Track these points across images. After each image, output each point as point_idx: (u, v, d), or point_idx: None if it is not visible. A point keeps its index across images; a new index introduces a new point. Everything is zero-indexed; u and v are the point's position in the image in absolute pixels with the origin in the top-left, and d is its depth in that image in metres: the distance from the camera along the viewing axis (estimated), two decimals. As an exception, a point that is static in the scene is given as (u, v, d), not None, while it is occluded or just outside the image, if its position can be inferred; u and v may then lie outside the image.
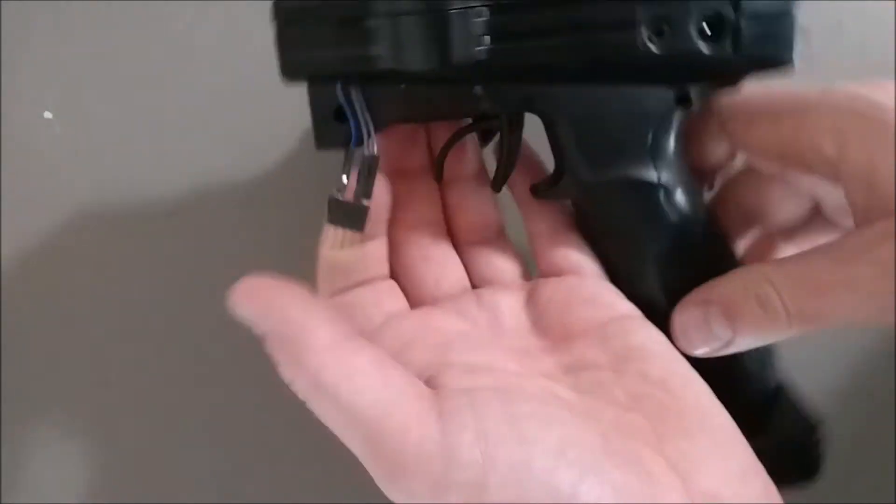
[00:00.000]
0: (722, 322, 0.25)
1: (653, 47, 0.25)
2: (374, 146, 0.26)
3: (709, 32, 0.25)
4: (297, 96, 0.28)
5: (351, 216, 0.27)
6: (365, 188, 0.27)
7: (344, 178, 0.26)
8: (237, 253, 0.39)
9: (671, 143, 0.27)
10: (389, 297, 0.29)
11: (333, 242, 0.27)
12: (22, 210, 0.38)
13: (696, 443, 0.22)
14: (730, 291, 0.25)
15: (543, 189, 0.29)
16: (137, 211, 0.38)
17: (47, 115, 0.38)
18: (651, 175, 0.27)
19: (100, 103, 0.38)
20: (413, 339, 0.26)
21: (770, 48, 0.26)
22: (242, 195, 0.38)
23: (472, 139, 0.30)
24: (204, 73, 0.38)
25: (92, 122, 0.38)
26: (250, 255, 0.39)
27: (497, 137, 0.30)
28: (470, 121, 0.29)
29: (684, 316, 0.26)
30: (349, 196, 0.27)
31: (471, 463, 0.19)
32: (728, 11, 0.25)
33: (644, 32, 0.25)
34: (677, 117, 0.27)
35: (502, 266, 0.30)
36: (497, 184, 0.30)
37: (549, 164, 0.30)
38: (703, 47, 0.25)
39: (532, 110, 0.28)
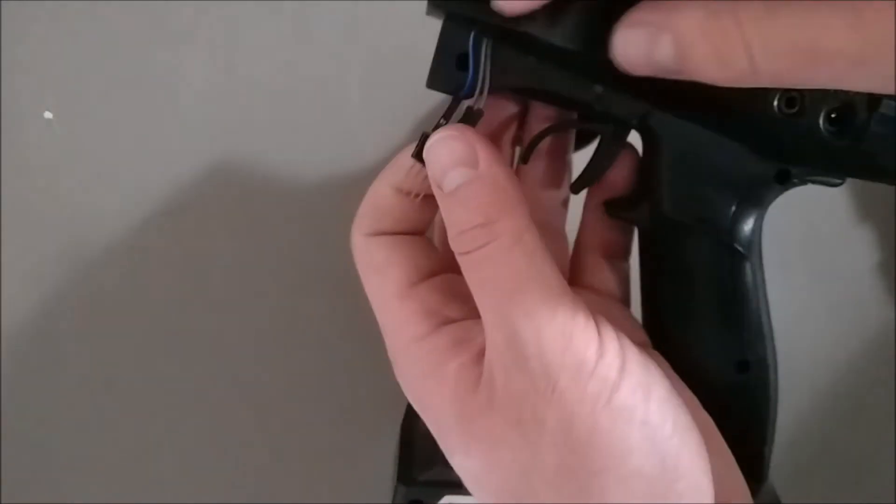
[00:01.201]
0: (670, 57, 0.21)
1: (779, 114, 0.25)
2: (482, 103, 0.25)
3: (836, 121, 0.25)
4: (298, 97, 0.28)
5: None
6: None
7: (442, 121, 0.25)
8: (237, 252, 0.39)
9: (756, 211, 0.27)
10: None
11: (399, 180, 0.26)
12: (22, 210, 0.38)
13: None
14: (687, 29, 0.21)
15: (618, 208, 0.29)
16: (137, 211, 0.38)
17: (47, 115, 0.37)
18: (726, 235, 0.27)
19: (100, 103, 0.38)
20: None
21: (888, 158, 0.25)
22: (243, 194, 0.38)
23: (569, 135, 0.30)
24: (204, 72, 0.38)
25: (92, 123, 0.38)
26: (251, 254, 0.39)
27: (596, 144, 0.29)
28: (575, 116, 0.28)
29: (629, 33, 0.22)
30: None
31: None
32: (862, 108, 0.25)
33: (778, 97, 0.25)
34: (771, 190, 0.27)
35: None
36: (578, 186, 0.29)
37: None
38: (825, 132, 0.25)
39: (640, 129, 0.27)
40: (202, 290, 0.39)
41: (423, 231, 0.27)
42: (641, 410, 0.22)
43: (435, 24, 0.26)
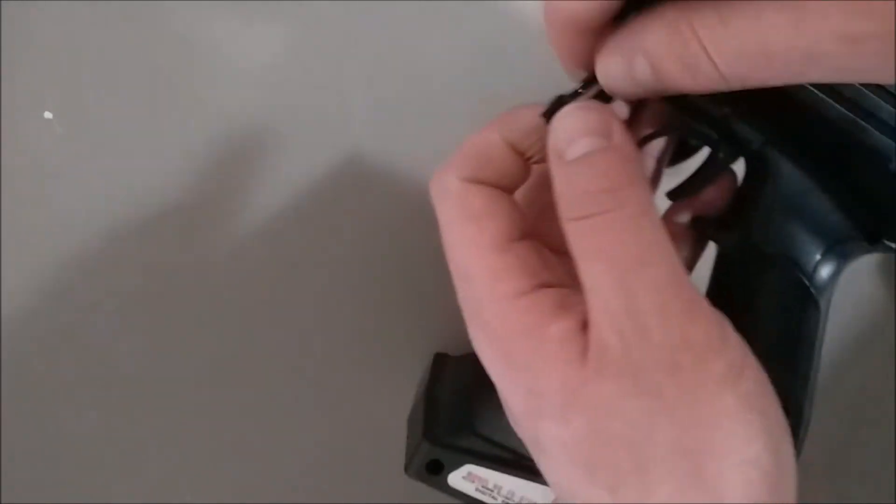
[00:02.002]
0: (647, 75, 0.22)
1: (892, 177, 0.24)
2: None
3: None
4: (298, 97, 0.28)
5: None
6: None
7: (581, 91, 0.24)
8: (238, 252, 0.39)
9: (839, 263, 0.27)
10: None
11: (515, 135, 0.25)
12: (22, 210, 0.38)
13: None
14: (654, 46, 0.21)
15: (708, 226, 0.29)
16: (138, 211, 0.38)
17: (48, 115, 0.37)
18: (806, 278, 0.27)
19: (100, 103, 0.38)
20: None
21: None
22: (244, 194, 0.38)
23: (672, 145, 0.29)
24: (204, 72, 0.38)
25: (92, 123, 0.38)
26: (251, 253, 0.39)
27: (703, 161, 0.29)
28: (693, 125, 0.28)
29: (607, 60, 0.23)
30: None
31: None
32: None
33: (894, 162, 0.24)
34: (859, 248, 0.27)
35: None
36: (676, 194, 0.29)
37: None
38: None
39: (753, 156, 0.27)
40: (204, 290, 0.39)
41: (514, 190, 0.26)
42: (762, 400, 0.22)
43: (434, 23, 0.26)
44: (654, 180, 0.30)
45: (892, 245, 0.26)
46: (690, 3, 0.20)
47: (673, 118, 0.27)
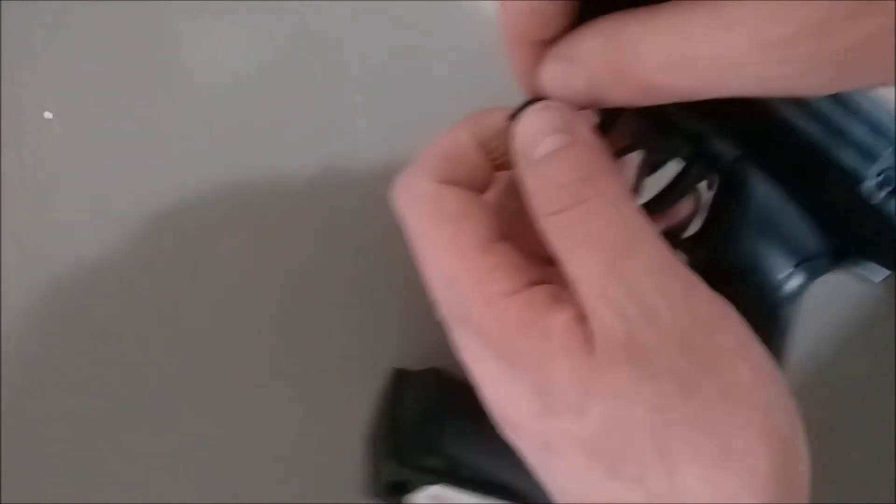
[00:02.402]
0: (583, 86, 0.22)
1: (869, 195, 0.25)
2: None
3: None
4: (299, 98, 0.28)
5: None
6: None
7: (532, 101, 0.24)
8: (238, 251, 0.39)
9: (806, 278, 0.27)
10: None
11: (486, 134, 0.25)
12: (22, 210, 0.38)
13: None
14: (590, 57, 0.21)
15: (679, 241, 0.29)
16: (137, 211, 0.38)
17: (48, 115, 0.37)
18: (773, 292, 0.27)
19: (100, 103, 0.38)
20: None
21: None
22: (244, 194, 0.38)
23: (644, 159, 0.29)
24: (205, 72, 0.38)
25: (92, 123, 0.38)
26: (251, 252, 0.39)
27: (676, 175, 0.29)
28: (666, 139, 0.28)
29: (549, 68, 0.23)
30: None
31: None
32: None
33: (874, 177, 0.24)
34: (824, 265, 0.27)
35: None
36: (648, 208, 0.28)
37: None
38: None
39: (726, 171, 0.27)
40: (203, 290, 0.39)
41: (484, 191, 0.25)
42: (772, 370, 0.22)
43: (434, 24, 0.26)
44: (634, 193, 0.29)
45: (858, 263, 0.27)
46: (623, 14, 0.20)
47: (648, 131, 0.28)
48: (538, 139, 0.22)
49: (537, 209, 0.22)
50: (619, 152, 0.27)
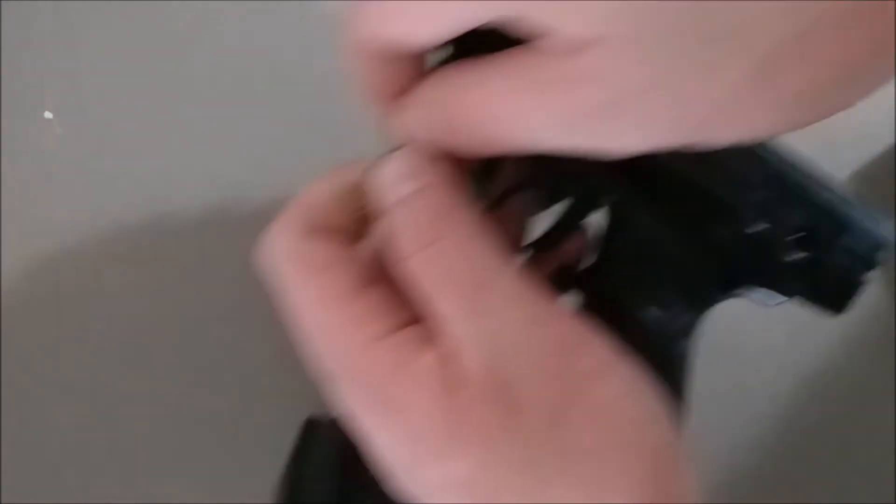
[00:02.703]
0: (429, 135, 0.23)
1: (749, 226, 0.25)
2: None
3: (800, 242, 0.25)
4: (298, 98, 0.28)
5: None
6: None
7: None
8: (238, 250, 0.39)
9: (697, 313, 0.27)
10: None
11: (347, 186, 0.25)
12: (22, 209, 0.38)
13: None
14: (431, 108, 0.22)
15: (569, 278, 0.29)
16: (137, 210, 0.38)
17: (48, 115, 0.38)
18: (664, 327, 0.27)
19: (100, 103, 0.38)
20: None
21: (833, 291, 0.26)
22: (244, 194, 0.38)
23: (534, 197, 0.30)
24: (205, 72, 0.38)
25: (92, 122, 0.38)
26: (251, 252, 0.39)
27: (562, 213, 0.29)
28: (553, 177, 0.28)
29: (399, 117, 0.24)
30: None
31: None
32: (826, 235, 0.25)
33: (753, 207, 0.25)
34: (716, 297, 0.27)
35: None
36: (537, 246, 0.29)
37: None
38: (788, 251, 0.25)
39: (612, 208, 0.27)
40: (201, 289, 0.39)
41: (354, 240, 0.25)
42: (640, 389, 0.22)
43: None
44: (522, 233, 0.29)
45: (748, 291, 0.27)
46: (465, 64, 0.20)
47: (533, 171, 0.28)
48: (393, 187, 0.23)
49: (398, 254, 0.22)
50: (506, 193, 0.27)
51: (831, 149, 0.43)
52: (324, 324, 0.23)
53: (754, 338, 0.30)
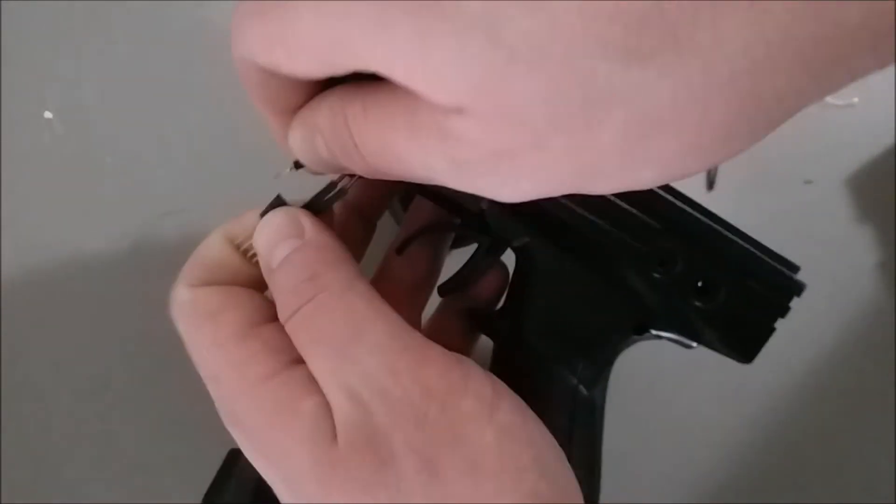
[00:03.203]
0: (326, 154, 0.22)
1: (653, 272, 0.25)
2: (352, 183, 0.25)
3: (703, 289, 0.26)
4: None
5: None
6: (323, 204, 0.25)
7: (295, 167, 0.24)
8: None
9: (607, 356, 0.27)
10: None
11: (236, 234, 0.25)
12: (22, 209, 0.38)
13: None
14: (323, 127, 0.22)
15: (480, 319, 0.29)
16: (136, 210, 0.38)
17: (48, 114, 0.38)
18: (575, 374, 0.27)
19: (100, 103, 0.38)
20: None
21: (740, 337, 0.27)
22: (245, 194, 0.38)
23: (447, 236, 0.30)
24: (204, 72, 0.38)
25: (92, 123, 0.38)
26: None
27: (470, 256, 0.29)
28: (458, 220, 0.28)
29: (294, 133, 0.23)
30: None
31: None
32: (725, 282, 0.26)
33: (654, 255, 0.25)
34: (626, 340, 0.27)
35: None
36: (445, 289, 0.29)
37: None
38: (692, 296, 0.26)
39: (518, 251, 0.27)
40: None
41: (256, 285, 0.25)
42: (525, 429, 0.21)
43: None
44: (433, 272, 0.29)
45: (661, 334, 0.27)
46: (353, 87, 0.20)
47: (438, 213, 0.28)
48: (272, 247, 0.23)
49: (280, 317, 0.22)
50: (413, 235, 0.28)
51: (831, 149, 0.44)
52: (216, 368, 0.23)
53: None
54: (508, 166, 0.17)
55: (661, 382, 0.41)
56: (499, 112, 0.16)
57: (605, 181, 0.17)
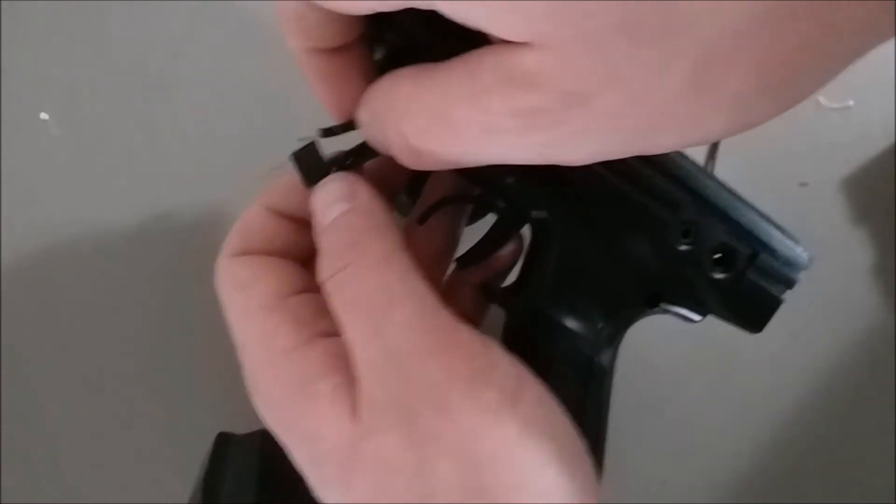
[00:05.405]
0: (370, 138, 0.23)
1: (672, 243, 0.26)
2: None
3: (720, 261, 0.26)
4: (297, 99, 0.28)
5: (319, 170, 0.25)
6: (352, 162, 0.25)
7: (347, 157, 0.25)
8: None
9: (620, 327, 0.28)
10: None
11: (275, 200, 0.25)
12: (19, 210, 0.38)
13: None
14: (374, 115, 0.22)
15: (496, 293, 0.29)
16: (134, 212, 0.38)
17: (44, 115, 0.37)
18: (589, 344, 0.27)
19: (96, 104, 0.38)
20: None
21: (752, 309, 0.27)
22: (242, 194, 0.38)
23: (466, 207, 0.30)
24: (202, 72, 0.38)
25: (88, 123, 0.38)
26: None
27: (489, 228, 0.29)
28: (478, 191, 0.29)
29: (360, 115, 0.23)
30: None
31: None
32: (743, 254, 0.26)
33: (679, 226, 0.26)
34: (639, 312, 0.27)
35: None
36: (464, 261, 0.29)
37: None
38: (709, 268, 0.26)
39: (537, 224, 0.27)
40: (202, 290, 0.39)
41: (293, 255, 0.25)
42: (548, 422, 0.21)
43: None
44: (451, 245, 0.30)
45: (670, 308, 0.27)
46: (406, 70, 0.20)
47: (458, 185, 0.28)
48: (322, 211, 0.23)
49: (318, 275, 0.22)
50: (433, 207, 0.28)
51: (827, 151, 0.44)
52: (241, 338, 0.23)
53: (752, 343, 0.30)
54: (579, 114, 0.17)
55: (658, 384, 0.42)
56: (575, 41, 0.15)
57: (674, 131, 0.17)
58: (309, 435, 0.21)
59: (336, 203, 0.23)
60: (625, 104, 0.16)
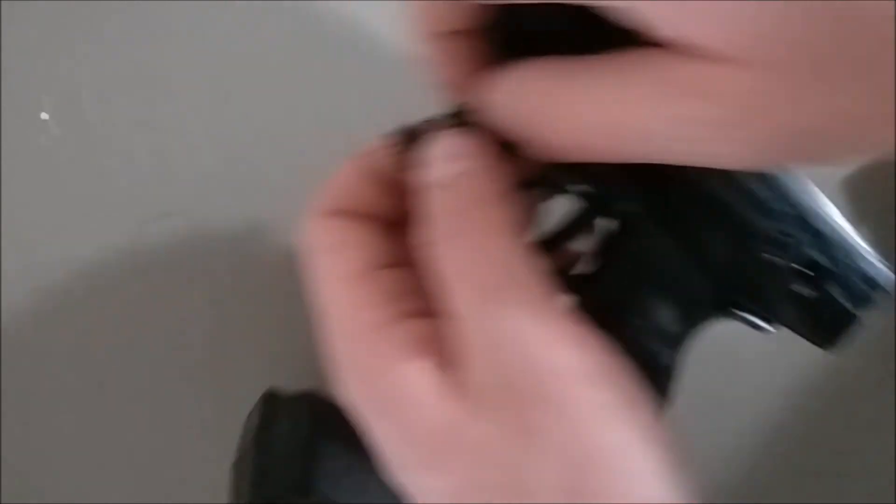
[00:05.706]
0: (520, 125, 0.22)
1: (764, 252, 0.25)
2: None
3: (804, 272, 0.25)
4: (297, 100, 0.28)
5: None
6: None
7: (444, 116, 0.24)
8: (235, 249, 0.39)
9: (690, 330, 0.27)
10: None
11: (373, 162, 0.24)
12: (18, 210, 0.38)
13: None
14: (524, 100, 0.21)
15: (568, 280, 0.28)
16: (134, 212, 0.38)
17: (44, 115, 0.37)
18: (657, 341, 0.26)
19: (96, 105, 0.38)
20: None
21: (828, 325, 0.26)
22: (243, 194, 0.38)
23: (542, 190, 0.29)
24: (202, 73, 0.38)
25: (89, 123, 0.38)
26: (249, 251, 0.39)
27: (575, 216, 0.29)
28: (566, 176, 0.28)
29: (495, 97, 0.22)
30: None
31: None
32: (829, 270, 0.25)
33: (772, 233, 0.25)
34: (710, 315, 0.27)
35: None
36: (543, 246, 0.28)
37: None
38: (789, 280, 0.25)
39: (625, 218, 0.27)
40: (200, 289, 0.39)
41: (383, 221, 0.24)
42: (652, 430, 0.20)
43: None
44: (528, 224, 0.29)
45: (743, 315, 0.27)
46: (567, 62, 0.19)
47: (552, 168, 0.27)
48: (438, 164, 0.22)
49: (425, 236, 0.21)
50: (525, 185, 0.27)
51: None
52: (327, 304, 0.22)
53: (749, 341, 0.29)
54: (755, 124, 0.16)
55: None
56: (774, 59, 0.15)
57: (844, 146, 0.17)
58: (404, 414, 0.20)
59: (457, 159, 0.21)
60: (799, 117, 0.16)
